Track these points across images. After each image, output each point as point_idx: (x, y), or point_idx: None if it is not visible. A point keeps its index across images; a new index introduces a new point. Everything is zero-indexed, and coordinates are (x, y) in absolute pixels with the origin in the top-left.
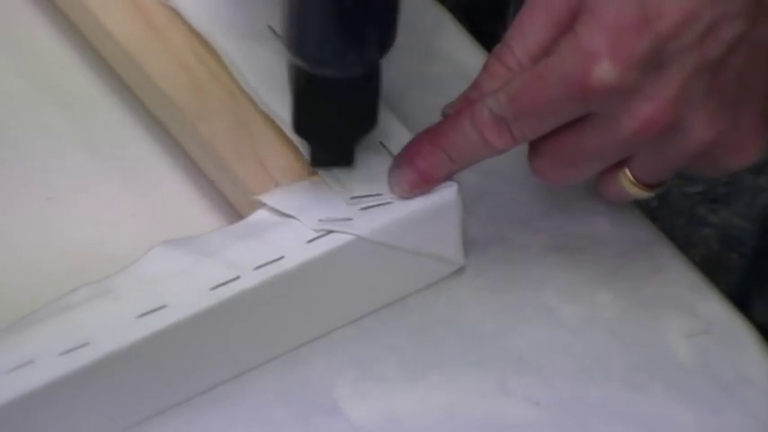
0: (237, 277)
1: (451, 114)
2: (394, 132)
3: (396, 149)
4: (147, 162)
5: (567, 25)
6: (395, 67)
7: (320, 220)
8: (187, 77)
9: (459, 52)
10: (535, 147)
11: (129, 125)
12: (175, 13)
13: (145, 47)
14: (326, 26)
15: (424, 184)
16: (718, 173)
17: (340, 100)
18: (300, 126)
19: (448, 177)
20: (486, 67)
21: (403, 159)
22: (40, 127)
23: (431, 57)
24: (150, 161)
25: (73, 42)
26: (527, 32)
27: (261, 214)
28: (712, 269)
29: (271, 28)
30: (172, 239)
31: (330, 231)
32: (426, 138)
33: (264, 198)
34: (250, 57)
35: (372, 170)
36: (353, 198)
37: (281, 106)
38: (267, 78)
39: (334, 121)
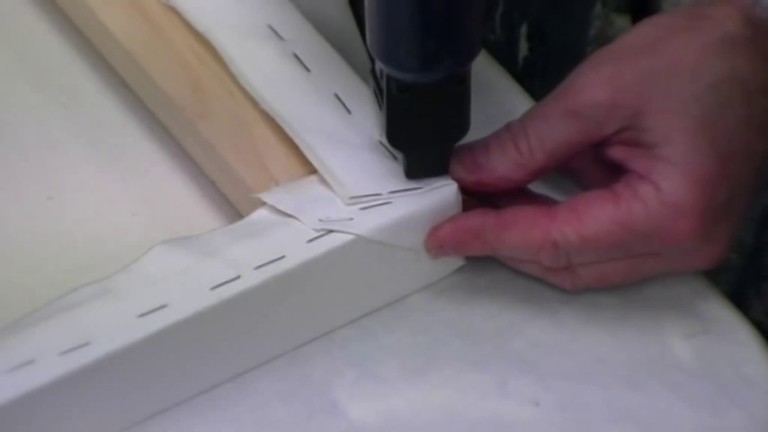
0: (238, 277)
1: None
2: None
3: (396, 149)
4: (147, 161)
5: (598, 138)
6: None
7: (320, 220)
8: (187, 76)
9: None
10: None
11: (129, 124)
12: (175, 12)
13: (145, 46)
14: (419, 32)
15: (451, 251)
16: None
17: (433, 107)
18: (395, 137)
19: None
20: (499, 139)
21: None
22: (41, 126)
23: None
24: (150, 160)
25: (73, 42)
26: (547, 127)
27: (261, 214)
28: (712, 269)
29: (271, 27)
30: (172, 239)
31: (330, 231)
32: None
33: (264, 197)
34: (250, 56)
35: (372, 170)
36: (353, 198)
37: (281, 105)
38: (267, 77)
39: (428, 129)
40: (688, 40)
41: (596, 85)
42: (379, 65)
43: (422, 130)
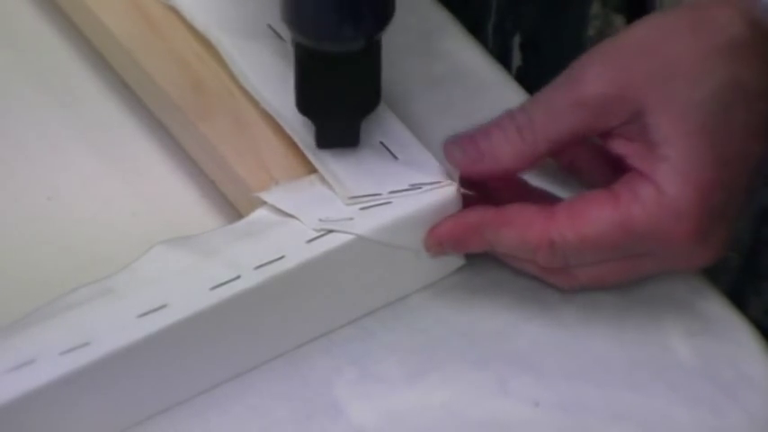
0: (238, 277)
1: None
2: (394, 132)
3: (396, 149)
4: (147, 161)
5: (603, 130)
6: (396, 68)
7: (320, 220)
8: (187, 76)
9: (460, 53)
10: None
11: (129, 124)
12: (175, 11)
13: (145, 46)
14: None
15: (450, 249)
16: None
17: (341, 76)
18: (303, 104)
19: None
20: (502, 128)
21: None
22: (41, 126)
23: (432, 57)
24: (150, 160)
25: (73, 42)
26: (553, 117)
27: (261, 213)
28: (712, 269)
29: (271, 27)
30: (172, 239)
31: (330, 231)
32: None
33: (264, 196)
34: (250, 56)
35: (373, 170)
36: (353, 198)
37: (281, 105)
38: (267, 77)
39: (336, 98)
40: (690, 43)
41: (604, 78)
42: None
43: (330, 99)
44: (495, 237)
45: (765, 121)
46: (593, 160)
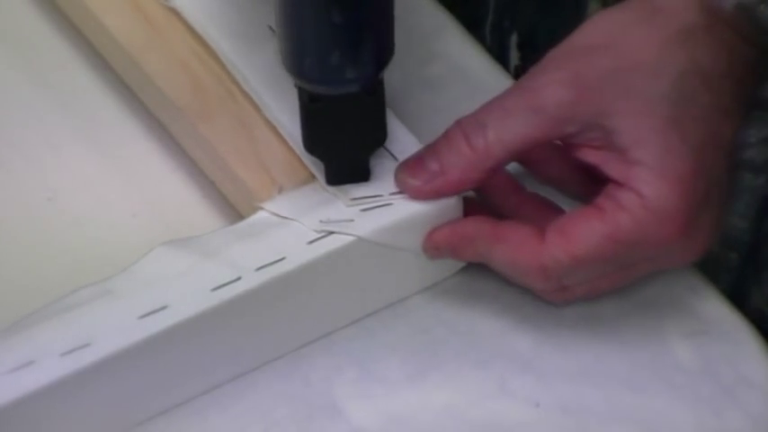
0: (239, 278)
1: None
2: (395, 134)
3: (397, 151)
4: (147, 162)
5: (559, 136)
6: (396, 69)
7: (321, 222)
8: (187, 77)
9: (460, 54)
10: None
11: (129, 125)
12: (175, 12)
13: (145, 47)
14: (322, 45)
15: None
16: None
17: (346, 117)
18: (310, 144)
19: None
20: (449, 139)
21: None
22: (41, 126)
23: (431, 58)
24: (150, 161)
25: (73, 42)
26: (507, 123)
27: (262, 215)
28: (712, 269)
29: (271, 28)
30: (173, 240)
31: (331, 232)
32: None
33: (267, 206)
34: (250, 57)
35: (373, 172)
36: (354, 199)
37: (280, 109)
38: (267, 79)
39: (343, 138)
40: (646, 34)
41: (559, 83)
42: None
43: (337, 138)
44: (488, 252)
45: (731, 99)
46: (572, 171)
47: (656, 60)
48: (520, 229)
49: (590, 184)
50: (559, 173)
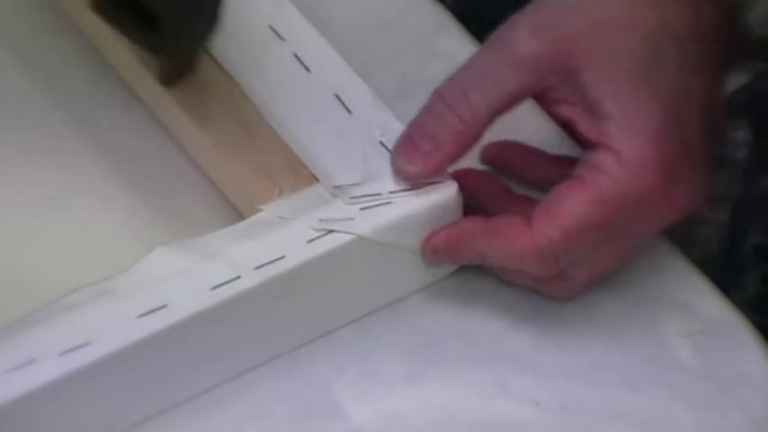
0: (238, 277)
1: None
2: (395, 132)
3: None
4: (147, 162)
5: (540, 90)
6: (396, 67)
7: (321, 220)
8: (187, 77)
9: (460, 52)
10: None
11: (129, 124)
12: None
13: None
14: None
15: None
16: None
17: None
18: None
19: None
20: (434, 114)
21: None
22: (40, 126)
23: (431, 57)
24: (150, 161)
25: (73, 42)
26: (489, 83)
27: (262, 215)
28: (712, 269)
29: (271, 28)
30: (172, 243)
31: (330, 231)
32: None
33: (268, 209)
34: (250, 57)
35: (372, 170)
36: (353, 198)
37: (281, 107)
38: (267, 78)
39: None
40: None
41: (535, 37)
42: None
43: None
44: (487, 247)
45: (700, 58)
46: (554, 172)
47: (628, 17)
48: (511, 219)
49: (562, 178)
50: (542, 175)
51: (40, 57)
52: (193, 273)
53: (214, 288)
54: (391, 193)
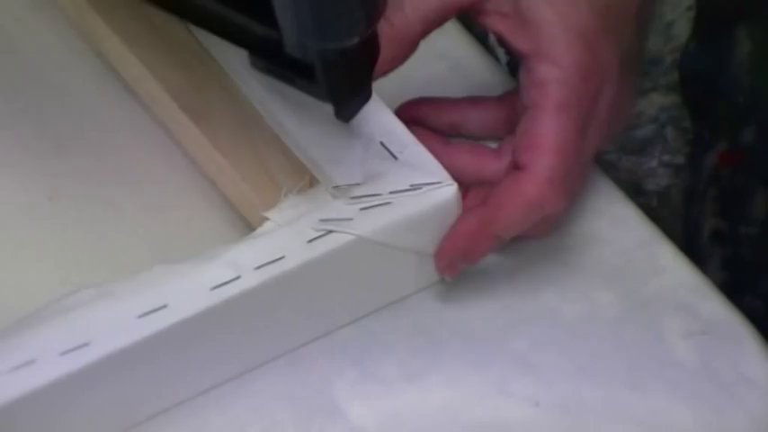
0: (238, 277)
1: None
2: (394, 132)
3: (396, 149)
4: (147, 162)
5: (472, 2)
6: (396, 69)
7: (320, 220)
8: (187, 77)
9: (460, 52)
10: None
11: (129, 125)
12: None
13: (145, 46)
14: (349, 4)
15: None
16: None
17: (363, 56)
18: (340, 98)
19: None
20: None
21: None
22: (41, 126)
23: (431, 57)
24: (150, 161)
25: (73, 42)
26: None
27: (268, 223)
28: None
29: None
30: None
31: (330, 231)
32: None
33: (272, 215)
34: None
35: (372, 170)
36: (353, 198)
37: (282, 113)
38: (267, 79)
39: (362, 74)
40: None
41: None
42: (304, 44)
43: (358, 80)
44: (504, 226)
45: None
46: (480, 122)
47: None
48: (500, 186)
49: (502, 131)
50: (467, 124)
51: (40, 57)
52: (193, 273)
53: (214, 288)
54: (391, 193)
